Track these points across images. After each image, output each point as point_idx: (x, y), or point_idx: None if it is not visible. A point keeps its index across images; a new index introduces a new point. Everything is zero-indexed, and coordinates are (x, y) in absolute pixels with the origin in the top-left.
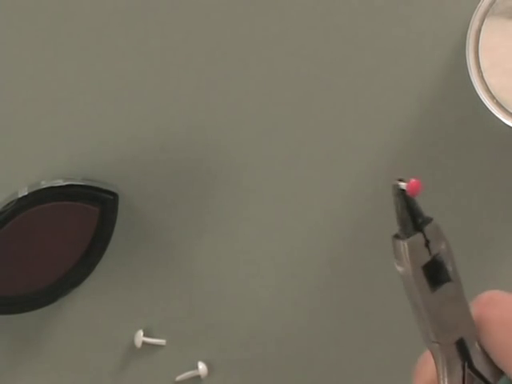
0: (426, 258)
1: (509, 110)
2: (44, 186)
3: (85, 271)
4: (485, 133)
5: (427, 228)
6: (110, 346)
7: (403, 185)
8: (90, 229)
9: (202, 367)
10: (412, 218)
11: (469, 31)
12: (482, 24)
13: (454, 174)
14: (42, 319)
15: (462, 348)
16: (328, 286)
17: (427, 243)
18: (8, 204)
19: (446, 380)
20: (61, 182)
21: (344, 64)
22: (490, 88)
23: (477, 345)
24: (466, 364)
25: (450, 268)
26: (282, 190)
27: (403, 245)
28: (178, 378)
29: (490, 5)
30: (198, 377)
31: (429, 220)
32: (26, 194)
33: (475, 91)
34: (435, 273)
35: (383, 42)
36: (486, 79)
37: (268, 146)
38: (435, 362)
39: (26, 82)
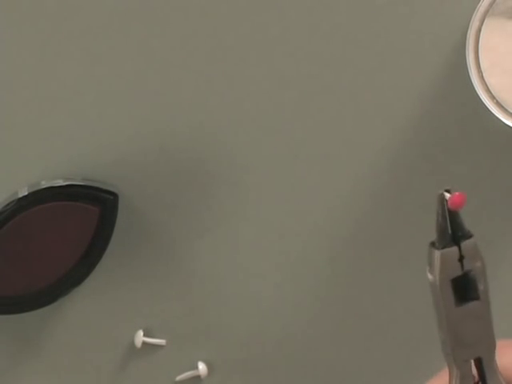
0: (457, 273)
1: (509, 109)
2: (44, 186)
3: (85, 271)
4: (485, 133)
5: (464, 243)
6: (110, 346)
7: (447, 195)
8: (90, 229)
9: (201, 367)
10: (451, 230)
11: (469, 31)
12: (481, 24)
13: (454, 173)
14: (42, 319)
15: (479, 367)
16: (328, 286)
17: (461, 258)
18: (8, 204)
19: None
20: (61, 182)
21: (344, 64)
22: (490, 88)
23: (495, 367)
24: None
25: (481, 287)
26: (282, 190)
27: (436, 254)
28: (178, 377)
29: (490, 5)
30: (198, 377)
31: (468, 236)
32: (26, 194)
33: (475, 91)
34: (465, 288)
35: (383, 42)
36: (485, 79)
37: (268, 145)
38: (449, 375)
39: (26, 82)
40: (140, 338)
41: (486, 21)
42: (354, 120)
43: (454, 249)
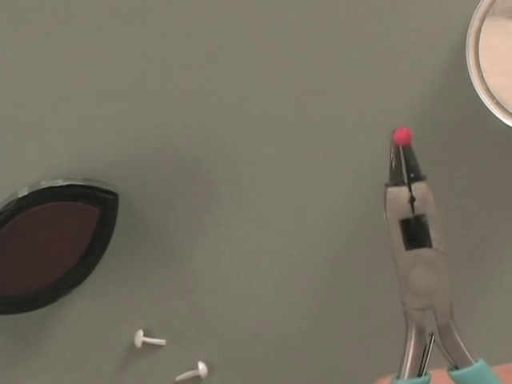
0: (407, 214)
1: (509, 109)
2: (44, 186)
3: (85, 271)
4: (485, 133)
5: (416, 185)
6: (110, 346)
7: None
8: (90, 229)
9: (201, 367)
10: (405, 171)
11: (469, 31)
12: (481, 24)
13: (454, 173)
14: (42, 319)
15: (435, 319)
16: (328, 286)
17: (412, 200)
18: (8, 204)
19: (408, 345)
20: (61, 182)
21: (344, 64)
22: (489, 88)
23: (450, 323)
24: (434, 337)
25: (432, 234)
26: (282, 190)
27: (385, 192)
28: (178, 377)
29: (490, 5)
30: (198, 377)
31: (421, 178)
32: (26, 194)
33: (475, 91)
34: (417, 234)
35: (383, 42)
36: (485, 79)
37: (268, 145)
38: (405, 325)
39: (26, 82)
40: (140, 337)
41: (485, 21)
42: (354, 120)
43: (404, 189)
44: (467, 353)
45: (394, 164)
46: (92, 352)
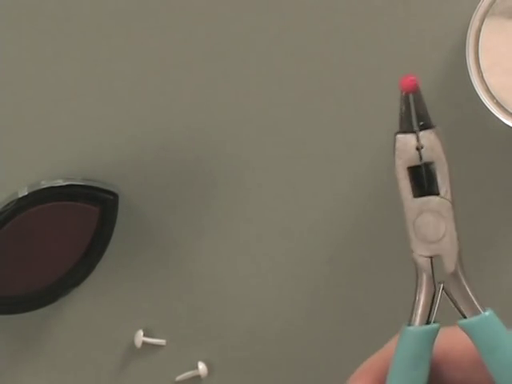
0: (415, 162)
1: (509, 109)
2: (44, 186)
3: (85, 271)
4: (485, 133)
5: (424, 133)
6: (110, 346)
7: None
8: (90, 229)
9: (201, 367)
10: (413, 118)
11: (469, 31)
12: (481, 24)
13: (454, 174)
14: (42, 319)
15: (442, 267)
16: (328, 286)
17: (420, 147)
18: (8, 204)
19: (418, 292)
20: (61, 182)
21: (344, 64)
22: (489, 88)
23: (458, 273)
24: (443, 285)
25: (440, 183)
26: (282, 190)
27: (394, 139)
28: (178, 377)
29: (490, 5)
30: (198, 377)
31: (429, 126)
32: (26, 194)
33: (475, 91)
34: (425, 182)
35: (383, 42)
36: (485, 79)
37: (268, 145)
38: (415, 272)
39: (26, 82)
40: (140, 337)
41: (485, 21)
42: (354, 120)
43: (412, 136)
44: (476, 302)
45: (402, 111)
46: (92, 352)
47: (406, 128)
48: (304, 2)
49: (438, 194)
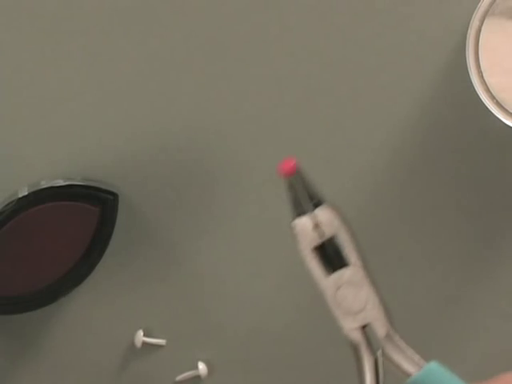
0: (317, 241)
1: (509, 109)
2: (44, 186)
3: (85, 271)
4: (485, 133)
5: (317, 211)
6: (110, 346)
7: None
8: (90, 229)
9: (202, 367)
10: (306, 200)
11: (469, 31)
12: (481, 24)
13: (454, 173)
14: (42, 319)
15: (374, 333)
16: None
17: (317, 226)
18: (8, 204)
19: (361, 367)
20: (61, 182)
21: (344, 64)
22: (489, 88)
23: (390, 333)
24: (381, 351)
25: (346, 254)
26: (282, 190)
27: (291, 226)
28: (178, 377)
29: (490, 5)
30: (198, 377)
31: (320, 203)
32: (26, 193)
33: (475, 91)
34: (333, 257)
35: (383, 42)
36: (485, 79)
37: (268, 145)
38: (355, 357)
39: (26, 82)
40: (140, 337)
41: (486, 21)
42: (354, 120)
43: (307, 217)
44: (416, 357)
45: (291, 196)
46: (92, 352)
47: (300, 211)
48: (304, 1)
49: (347, 264)
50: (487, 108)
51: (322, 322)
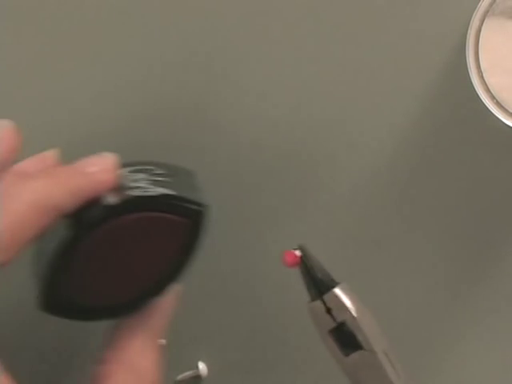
0: (331, 324)
1: (509, 110)
2: (134, 195)
3: (168, 282)
4: (485, 133)
5: (326, 296)
6: None
7: (296, 253)
8: (178, 241)
9: (202, 367)
10: (317, 283)
11: (469, 31)
12: (481, 24)
13: (454, 174)
14: (43, 319)
15: None
16: None
17: (329, 310)
18: (94, 210)
19: None
20: (151, 192)
21: (344, 64)
22: (489, 88)
23: None
24: None
25: (359, 337)
26: (283, 191)
27: (307, 308)
28: (178, 377)
29: (490, 5)
30: (198, 377)
31: (328, 288)
32: (116, 202)
33: (475, 91)
34: (347, 339)
35: (383, 42)
36: (485, 79)
37: (268, 145)
38: None
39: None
40: None
41: (485, 21)
42: (354, 120)
43: (318, 302)
44: None
45: (305, 281)
46: (92, 352)
47: (312, 296)
48: (304, 1)
49: (362, 348)
50: (487, 108)
51: None
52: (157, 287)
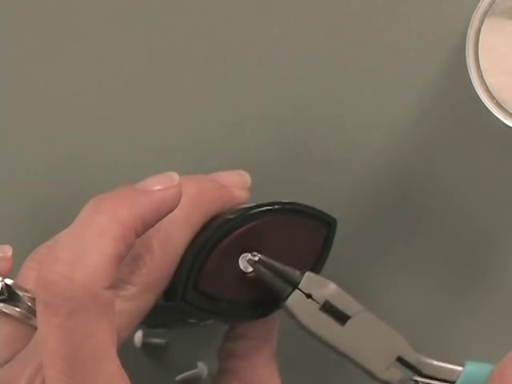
0: (316, 306)
1: (509, 110)
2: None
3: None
4: (485, 133)
5: (302, 283)
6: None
7: (252, 256)
8: (316, 249)
9: (201, 367)
10: (284, 281)
11: (469, 31)
12: (481, 24)
13: (454, 174)
14: None
15: (406, 363)
16: None
17: (309, 296)
18: (237, 211)
19: None
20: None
21: (344, 64)
22: (489, 88)
23: (417, 357)
24: (417, 375)
25: (343, 309)
26: (283, 190)
27: (286, 309)
28: (178, 377)
29: (490, 5)
30: (198, 377)
31: (299, 276)
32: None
33: (475, 91)
34: (335, 314)
35: (383, 42)
36: (485, 79)
37: (268, 145)
38: None
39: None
40: (140, 337)
41: (485, 21)
42: (354, 120)
43: (296, 293)
44: (451, 364)
45: (270, 283)
46: None
47: (287, 292)
48: (304, 1)
49: (349, 317)
50: (487, 108)
51: None
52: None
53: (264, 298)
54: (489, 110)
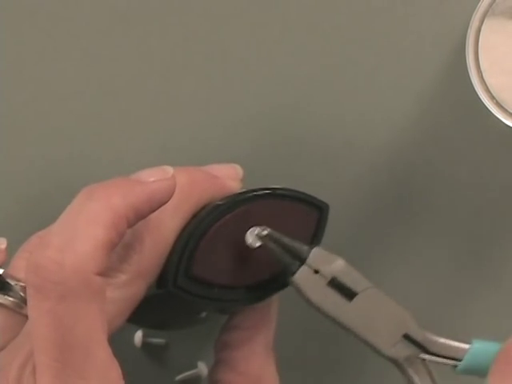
0: (324, 282)
1: (509, 110)
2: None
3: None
4: (485, 133)
5: (309, 259)
6: (110, 346)
7: (261, 230)
8: (309, 233)
9: (201, 367)
10: (293, 256)
11: (469, 31)
12: (481, 24)
13: (454, 174)
14: None
15: (413, 340)
16: None
17: (316, 272)
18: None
19: (410, 379)
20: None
21: (344, 64)
22: (489, 88)
23: (423, 334)
24: (423, 353)
25: (351, 285)
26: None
27: (293, 284)
28: (178, 377)
29: (490, 5)
30: (198, 377)
31: (308, 250)
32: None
33: (475, 91)
34: (341, 290)
35: (383, 42)
36: (485, 79)
37: (268, 145)
38: (402, 372)
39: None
40: (140, 338)
41: (485, 21)
42: (354, 119)
43: (304, 269)
44: (457, 342)
45: (279, 258)
46: None
47: (294, 267)
48: (304, 1)
49: (356, 293)
50: (487, 108)
51: (322, 321)
52: (279, 280)
53: (258, 283)
54: (489, 110)
